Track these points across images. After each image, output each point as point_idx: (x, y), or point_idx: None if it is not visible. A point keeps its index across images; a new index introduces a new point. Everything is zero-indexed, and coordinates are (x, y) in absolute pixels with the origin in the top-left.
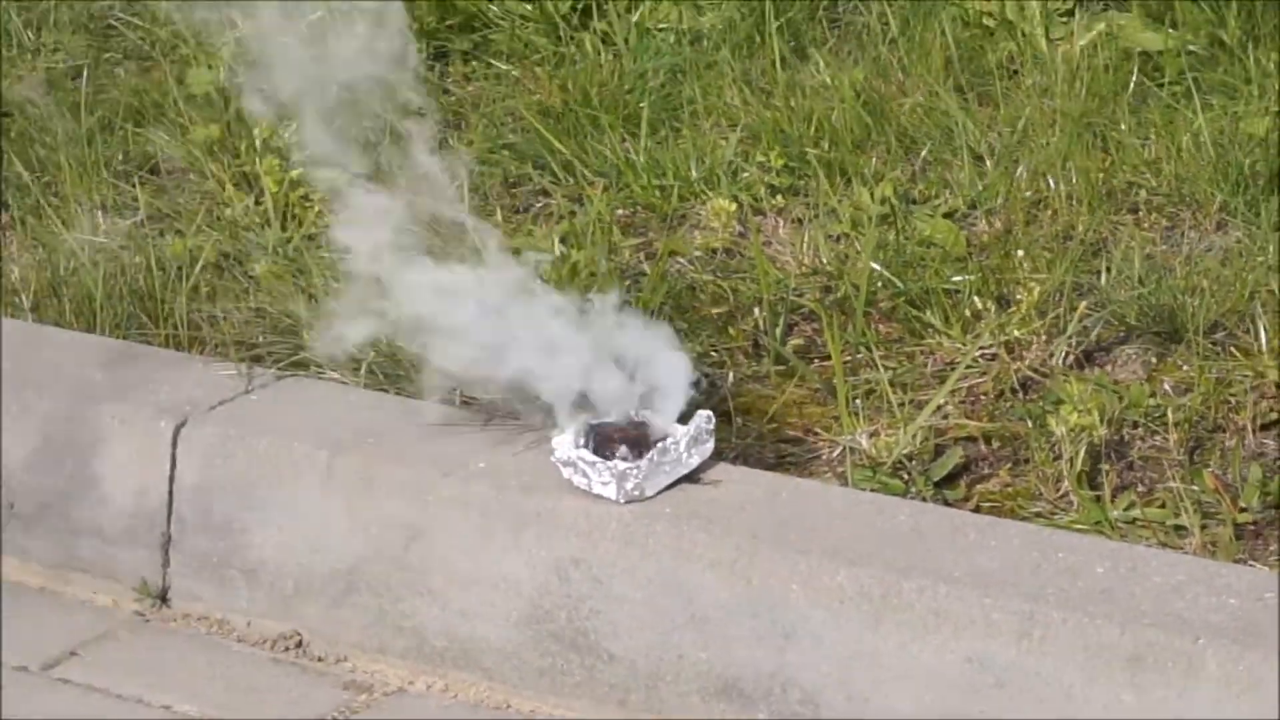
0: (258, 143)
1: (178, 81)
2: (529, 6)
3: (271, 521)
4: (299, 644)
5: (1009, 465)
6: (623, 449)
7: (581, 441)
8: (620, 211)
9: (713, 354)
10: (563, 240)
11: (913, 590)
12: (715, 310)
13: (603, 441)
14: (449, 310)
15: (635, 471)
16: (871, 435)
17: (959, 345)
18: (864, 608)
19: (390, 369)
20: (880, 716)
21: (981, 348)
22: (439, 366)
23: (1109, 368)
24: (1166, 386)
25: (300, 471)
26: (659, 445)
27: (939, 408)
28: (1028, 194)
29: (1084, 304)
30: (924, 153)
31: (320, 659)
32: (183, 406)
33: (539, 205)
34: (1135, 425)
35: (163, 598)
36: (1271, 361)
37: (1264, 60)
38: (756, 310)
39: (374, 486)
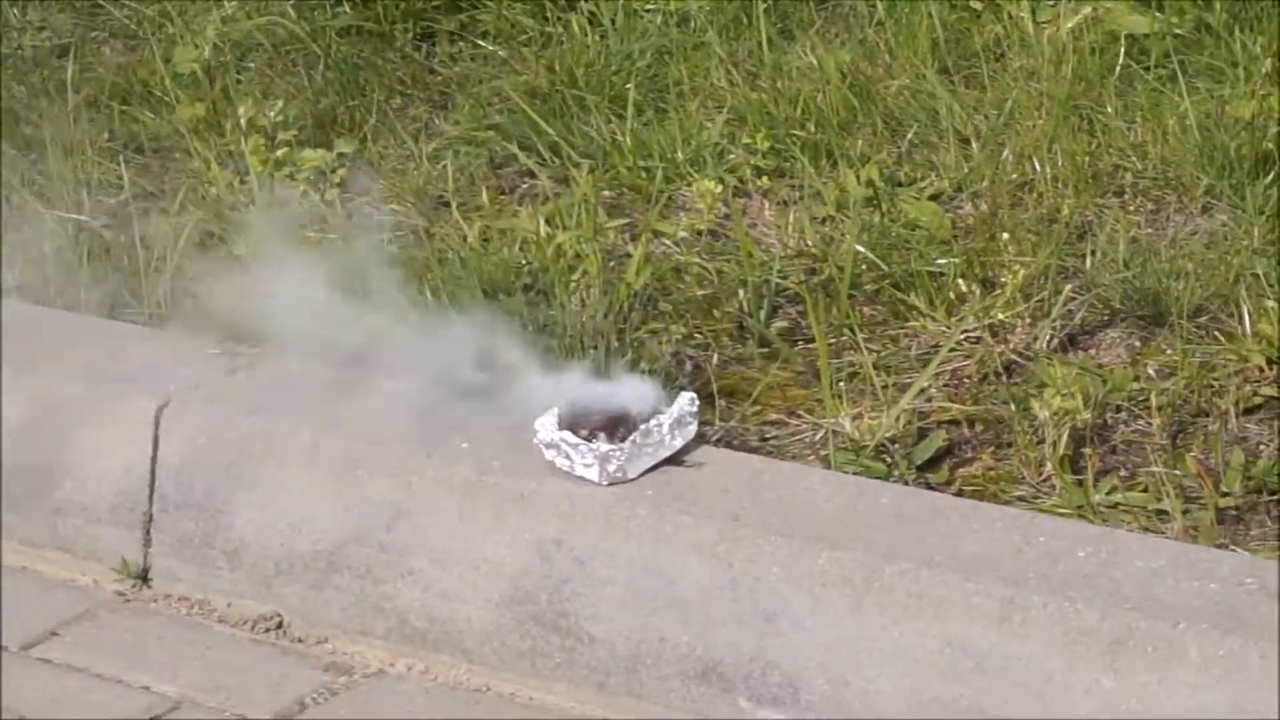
0: (243, 121)
1: (164, 60)
2: None
3: (253, 502)
4: (279, 625)
5: (992, 449)
6: (602, 433)
7: (563, 422)
8: (606, 193)
9: (697, 336)
10: (548, 221)
11: (894, 574)
12: (700, 292)
13: (583, 421)
14: None
15: (618, 453)
16: (855, 418)
17: (943, 328)
18: (845, 591)
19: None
20: (860, 700)
21: (965, 331)
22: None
23: (1093, 351)
24: (1150, 370)
25: (283, 452)
26: (642, 428)
27: (922, 391)
28: (1013, 177)
29: (1069, 287)
30: (910, 135)
31: (300, 640)
32: (165, 386)
33: (525, 186)
34: (1118, 409)
35: (144, 578)
36: (1255, 346)
37: (1250, 44)
38: (741, 292)
39: (357, 467)
